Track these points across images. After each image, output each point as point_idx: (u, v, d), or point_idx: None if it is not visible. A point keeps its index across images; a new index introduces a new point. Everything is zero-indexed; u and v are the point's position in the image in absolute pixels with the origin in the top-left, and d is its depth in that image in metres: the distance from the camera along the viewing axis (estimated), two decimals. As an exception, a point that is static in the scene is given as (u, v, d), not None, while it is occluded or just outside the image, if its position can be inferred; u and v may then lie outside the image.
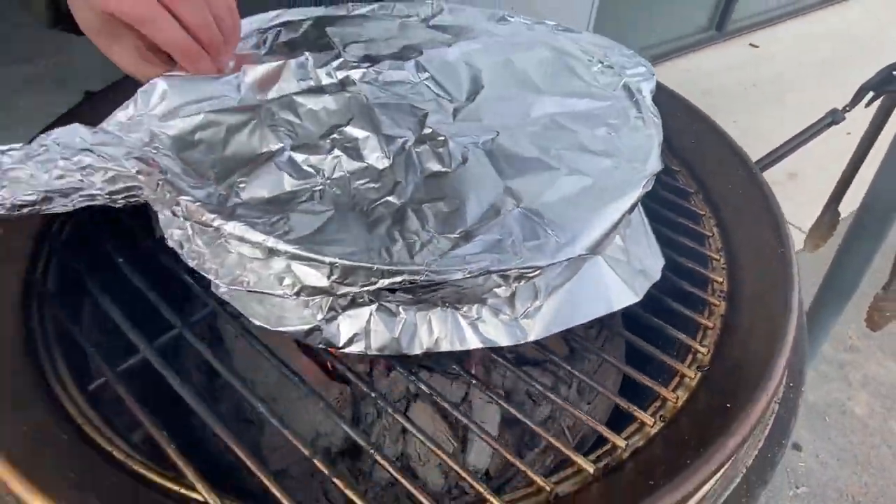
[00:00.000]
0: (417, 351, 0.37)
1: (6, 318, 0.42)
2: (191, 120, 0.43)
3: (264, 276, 0.35)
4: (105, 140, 0.39)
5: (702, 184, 0.56)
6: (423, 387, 0.42)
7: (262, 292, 0.36)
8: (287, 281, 0.35)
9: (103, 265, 0.46)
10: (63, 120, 0.51)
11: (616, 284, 0.40)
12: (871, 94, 0.60)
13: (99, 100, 0.56)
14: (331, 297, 0.35)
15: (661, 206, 0.55)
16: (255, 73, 0.46)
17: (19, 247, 0.46)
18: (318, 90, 0.46)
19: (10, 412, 0.37)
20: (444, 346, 0.37)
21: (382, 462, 0.37)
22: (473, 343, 0.37)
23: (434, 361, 0.54)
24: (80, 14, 0.42)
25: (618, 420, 0.41)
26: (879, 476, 1.50)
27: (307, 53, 0.48)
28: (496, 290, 0.37)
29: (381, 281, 0.34)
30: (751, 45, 3.32)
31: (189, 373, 0.55)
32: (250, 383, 0.51)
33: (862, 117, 0.81)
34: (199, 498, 0.34)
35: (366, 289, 0.35)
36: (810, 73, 3.17)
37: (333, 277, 0.34)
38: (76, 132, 0.38)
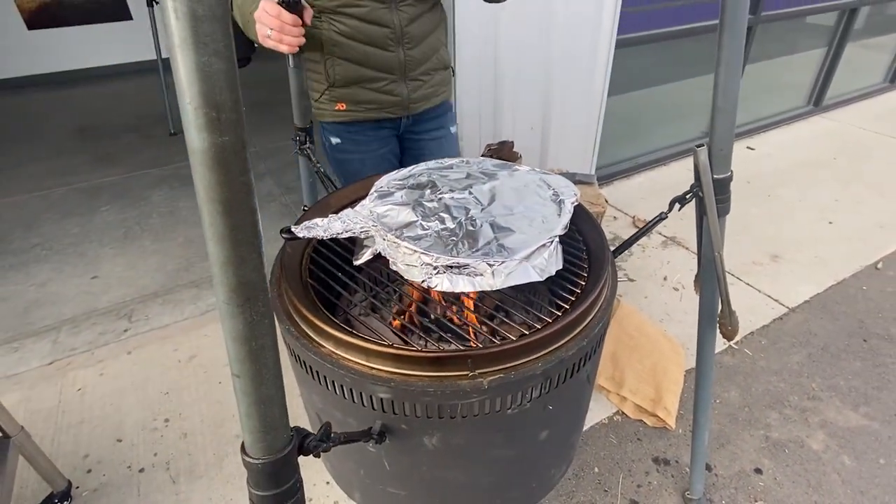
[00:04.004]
0: (457, 291, 1.06)
1: (299, 280, 1.18)
2: (385, 207, 1.18)
3: (410, 259, 1.07)
4: (354, 216, 1.15)
5: (585, 240, 1.25)
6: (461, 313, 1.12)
7: (408, 264, 1.08)
8: (418, 261, 1.07)
9: (324, 266, 1.21)
10: (316, 210, 1.30)
11: (533, 273, 1.07)
12: (677, 204, 1.22)
13: (315, 208, 1.36)
14: (431, 268, 1.06)
15: (569, 245, 1.23)
16: (409, 192, 1.22)
17: (301, 249, 1.24)
18: (431, 200, 1.20)
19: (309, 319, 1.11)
20: (467, 289, 1.06)
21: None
22: (479, 288, 1.06)
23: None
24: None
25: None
26: (828, 496, 1.79)
27: (428, 190, 1.23)
28: (485, 270, 1.06)
29: (448, 262, 1.05)
30: (748, 147, 3.92)
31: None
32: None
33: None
34: (386, 350, 1.04)
35: (442, 265, 1.05)
36: (795, 171, 3.69)
37: (432, 260, 1.05)
38: (352, 210, 1.15)
